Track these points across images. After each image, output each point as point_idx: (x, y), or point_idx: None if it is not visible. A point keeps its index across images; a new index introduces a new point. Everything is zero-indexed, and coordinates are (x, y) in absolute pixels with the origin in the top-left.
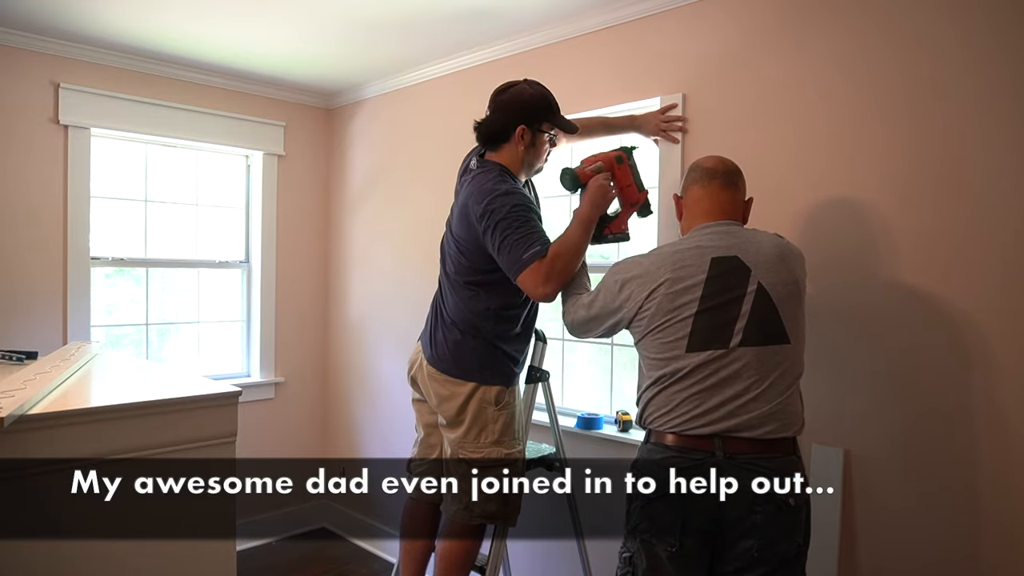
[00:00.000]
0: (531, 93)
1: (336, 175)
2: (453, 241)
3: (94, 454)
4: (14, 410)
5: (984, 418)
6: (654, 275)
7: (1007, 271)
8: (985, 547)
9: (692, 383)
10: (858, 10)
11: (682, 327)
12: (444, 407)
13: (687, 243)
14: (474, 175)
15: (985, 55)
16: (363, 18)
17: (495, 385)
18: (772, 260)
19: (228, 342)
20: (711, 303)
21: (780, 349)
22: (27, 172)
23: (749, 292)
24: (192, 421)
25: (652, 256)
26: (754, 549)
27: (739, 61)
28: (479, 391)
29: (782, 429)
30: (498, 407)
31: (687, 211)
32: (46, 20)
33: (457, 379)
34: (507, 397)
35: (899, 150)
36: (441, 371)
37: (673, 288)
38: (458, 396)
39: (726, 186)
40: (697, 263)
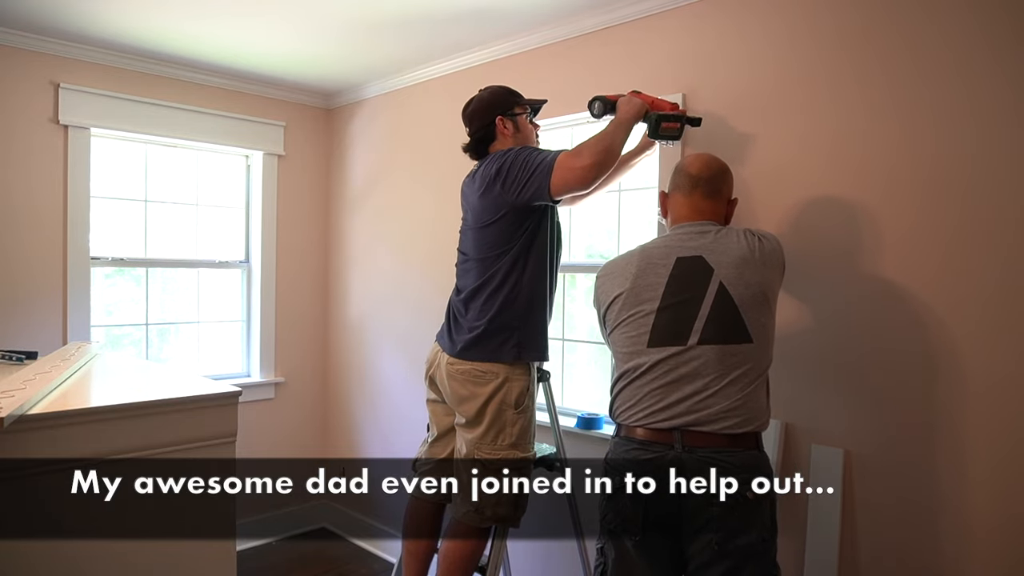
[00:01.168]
0: (490, 91)
1: (336, 175)
2: (476, 225)
3: (94, 454)
4: (14, 410)
5: (985, 417)
6: (623, 272)
7: (1005, 271)
8: (986, 547)
9: (654, 378)
10: (856, 11)
11: (644, 323)
12: (464, 407)
13: (657, 242)
14: (482, 165)
15: (978, 57)
16: (363, 18)
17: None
18: (737, 261)
19: (228, 342)
20: (671, 300)
21: (741, 348)
22: (27, 172)
23: (710, 292)
24: (192, 421)
25: (625, 255)
26: (714, 542)
27: (739, 61)
28: (500, 392)
29: (743, 424)
30: (517, 410)
31: (670, 211)
32: (46, 20)
33: (482, 369)
34: (526, 400)
35: (898, 149)
36: (467, 359)
37: (637, 284)
38: (478, 397)
39: (707, 195)
40: (662, 262)
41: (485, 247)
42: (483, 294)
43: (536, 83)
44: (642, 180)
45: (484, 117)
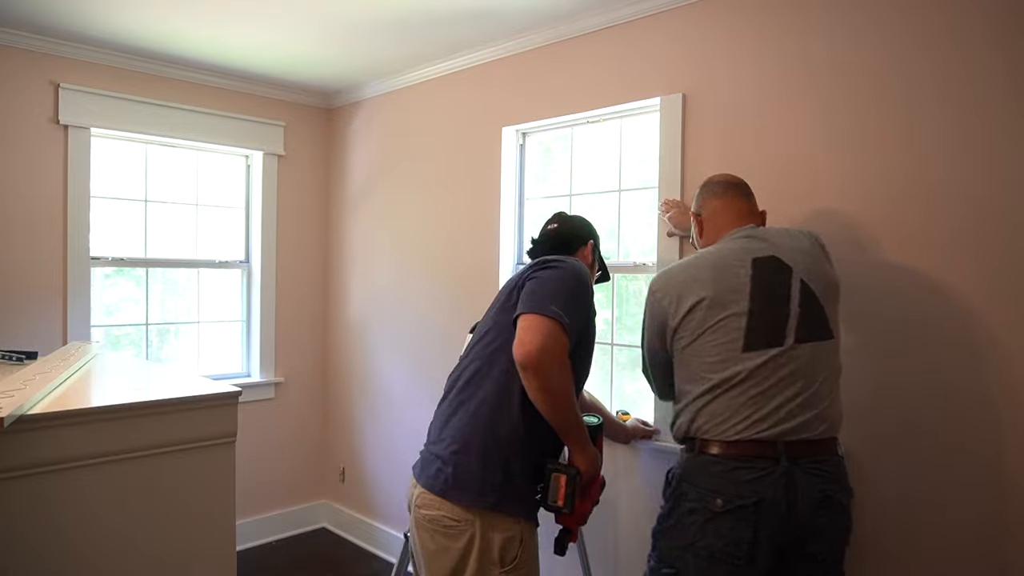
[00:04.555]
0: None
1: (336, 175)
2: (502, 309)
3: (94, 454)
4: (14, 410)
5: (984, 417)
6: (695, 278)
7: (1007, 264)
8: (987, 547)
9: (752, 385)
10: (856, 10)
11: (735, 327)
12: (432, 567)
13: (720, 248)
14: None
15: (983, 53)
16: (363, 18)
17: (501, 516)
18: (807, 257)
19: (228, 342)
20: (760, 303)
21: (827, 345)
22: (27, 172)
23: (794, 290)
24: (192, 421)
25: (682, 264)
26: (820, 553)
27: (739, 61)
28: (477, 544)
29: (833, 428)
30: (505, 568)
31: (708, 224)
32: (46, 20)
33: (455, 516)
34: (518, 550)
35: (896, 149)
36: (439, 494)
37: (719, 288)
38: (451, 552)
39: (743, 196)
40: (739, 263)
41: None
42: (490, 392)
43: (536, 83)
44: (642, 180)
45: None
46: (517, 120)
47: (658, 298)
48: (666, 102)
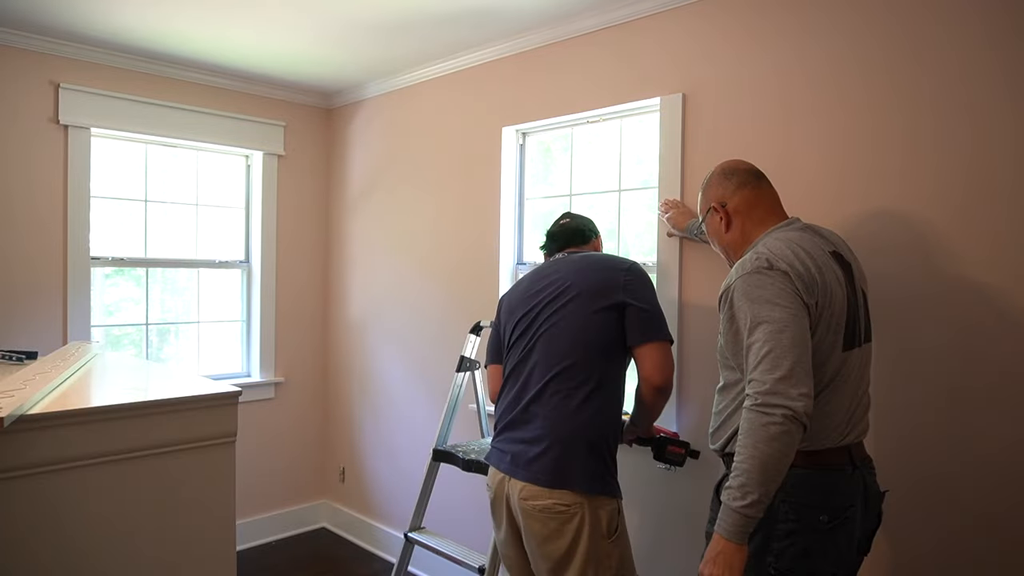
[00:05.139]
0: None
1: (336, 175)
2: (581, 311)
3: (94, 454)
4: (14, 410)
5: (984, 417)
6: (806, 264)
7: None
8: (988, 546)
9: (841, 386)
10: (854, 11)
11: (837, 323)
12: (548, 548)
13: (800, 237)
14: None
15: (980, 53)
16: (363, 18)
17: (604, 496)
18: (855, 256)
19: (228, 342)
20: (851, 300)
21: (871, 346)
22: (27, 172)
23: (857, 288)
24: (192, 421)
25: (782, 245)
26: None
27: (739, 61)
28: (587, 521)
29: (868, 429)
30: (611, 538)
31: (742, 216)
32: (46, 20)
33: (566, 501)
34: (618, 521)
35: (894, 148)
36: (546, 485)
37: (825, 280)
38: (565, 533)
39: (770, 184)
40: (827, 257)
41: (602, 327)
42: (578, 388)
43: (536, 83)
44: (642, 180)
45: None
46: (517, 120)
47: (789, 279)
48: (666, 102)
